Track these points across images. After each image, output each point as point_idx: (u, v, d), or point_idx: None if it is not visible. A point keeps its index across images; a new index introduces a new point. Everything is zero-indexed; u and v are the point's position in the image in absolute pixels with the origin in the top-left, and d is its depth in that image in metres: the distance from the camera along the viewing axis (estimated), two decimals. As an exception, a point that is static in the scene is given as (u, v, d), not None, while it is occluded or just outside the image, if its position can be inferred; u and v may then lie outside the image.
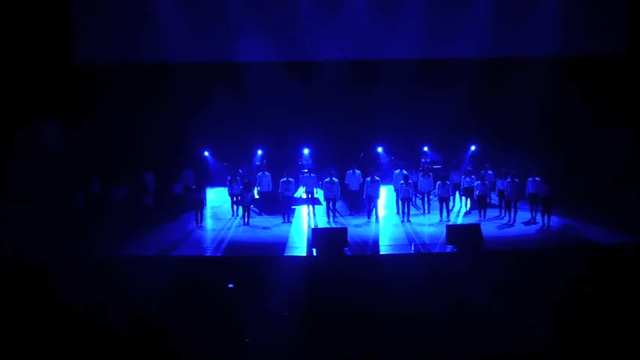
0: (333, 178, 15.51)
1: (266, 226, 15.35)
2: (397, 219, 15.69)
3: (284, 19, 18.50)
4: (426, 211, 16.09)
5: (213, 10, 18.42)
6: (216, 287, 10.76)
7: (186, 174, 16.90)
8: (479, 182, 15.50)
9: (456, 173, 16.41)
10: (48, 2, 17.63)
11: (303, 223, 15.70)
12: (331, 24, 18.40)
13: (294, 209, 16.50)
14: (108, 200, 15.20)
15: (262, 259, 12.79)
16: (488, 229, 14.33)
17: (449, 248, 13.15)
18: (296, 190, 16.81)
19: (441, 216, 15.43)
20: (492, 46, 18.43)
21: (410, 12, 18.40)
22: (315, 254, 13.01)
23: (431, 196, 16.39)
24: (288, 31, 18.42)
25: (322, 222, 15.50)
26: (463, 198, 16.51)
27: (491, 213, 15.74)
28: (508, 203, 15.21)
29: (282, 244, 13.74)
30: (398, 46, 18.53)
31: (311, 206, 16.20)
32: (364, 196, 15.64)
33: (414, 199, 16.32)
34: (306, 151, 18.81)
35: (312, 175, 16.21)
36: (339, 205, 16.02)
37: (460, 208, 16.57)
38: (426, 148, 19.20)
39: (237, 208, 15.88)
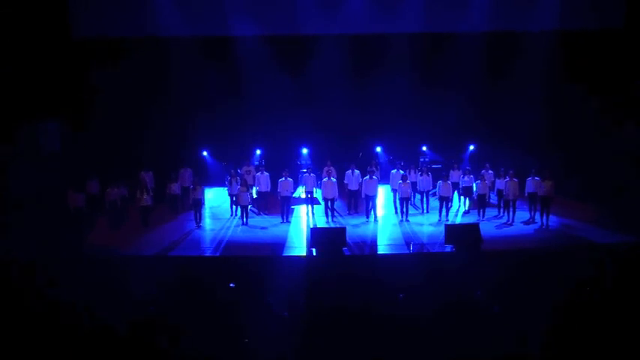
0: (332, 178, 15.52)
1: (265, 226, 15.33)
2: (396, 218, 15.69)
3: None
4: (425, 211, 16.09)
5: None
6: (215, 287, 10.74)
7: (185, 174, 16.88)
8: (478, 182, 15.50)
9: (455, 173, 16.40)
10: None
11: (302, 222, 15.69)
12: None
13: (292, 209, 16.50)
14: (107, 200, 15.17)
15: (261, 259, 12.80)
16: (487, 228, 14.35)
17: (448, 248, 13.16)
18: (295, 189, 16.80)
19: (440, 215, 15.43)
20: (491, 20, 18.26)
21: None
22: (314, 254, 13.01)
23: (429, 196, 16.40)
24: (283, 5, 18.36)
25: (321, 222, 15.50)
26: (462, 198, 16.50)
27: (490, 212, 15.73)
28: (507, 203, 15.21)
29: (281, 244, 13.74)
30: (397, 19, 18.37)
31: (310, 206, 16.19)
32: (363, 196, 15.64)
33: (412, 199, 16.32)
34: (304, 150, 18.81)
35: (311, 174, 16.20)
36: (337, 204, 16.01)
37: (459, 208, 16.56)
38: (424, 148, 19.22)
39: (236, 208, 15.87)
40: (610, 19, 18.22)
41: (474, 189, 15.67)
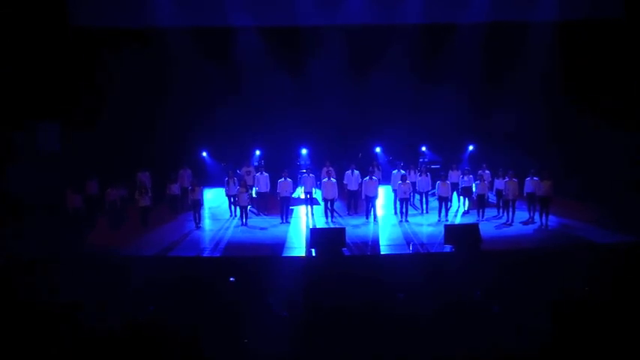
0: (332, 178, 15.52)
1: (264, 226, 15.32)
2: (395, 219, 15.68)
3: None
4: (425, 211, 16.09)
5: None
6: (214, 288, 10.74)
7: (184, 174, 16.87)
8: (477, 182, 15.50)
9: (454, 173, 16.40)
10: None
11: (302, 223, 15.68)
12: None
13: (292, 209, 16.49)
14: (106, 201, 15.16)
15: (261, 259, 12.78)
16: (487, 228, 14.34)
17: (447, 248, 13.15)
18: (294, 190, 16.79)
19: (440, 216, 15.43)
20: (490, 11, 18.23)
21: None
22: (313, 254, 13.00)
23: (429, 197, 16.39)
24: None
25: (321, 222, 15.49)
26: (461, 198, 16.50)
27: (490, 213, 15.73)
28: (506, 203, 15.21)
29: (280, 244, 13.73)
30: (396, 10, 18.36)
31: (309, 206, 16.19)
32: (362, 196, 15.63)
33: (412, 199, 16.32)
34: (304, 151, 18.81)
35: (310, 175, 16.20)
36: (337, 205, 16.01)
37: (458, 208, 16.56)
38: (424, 148, 19.22)
39: (236, 209, 15.86)
40: (611, 10, 18.20)
41: (474, 189, 15.67)
